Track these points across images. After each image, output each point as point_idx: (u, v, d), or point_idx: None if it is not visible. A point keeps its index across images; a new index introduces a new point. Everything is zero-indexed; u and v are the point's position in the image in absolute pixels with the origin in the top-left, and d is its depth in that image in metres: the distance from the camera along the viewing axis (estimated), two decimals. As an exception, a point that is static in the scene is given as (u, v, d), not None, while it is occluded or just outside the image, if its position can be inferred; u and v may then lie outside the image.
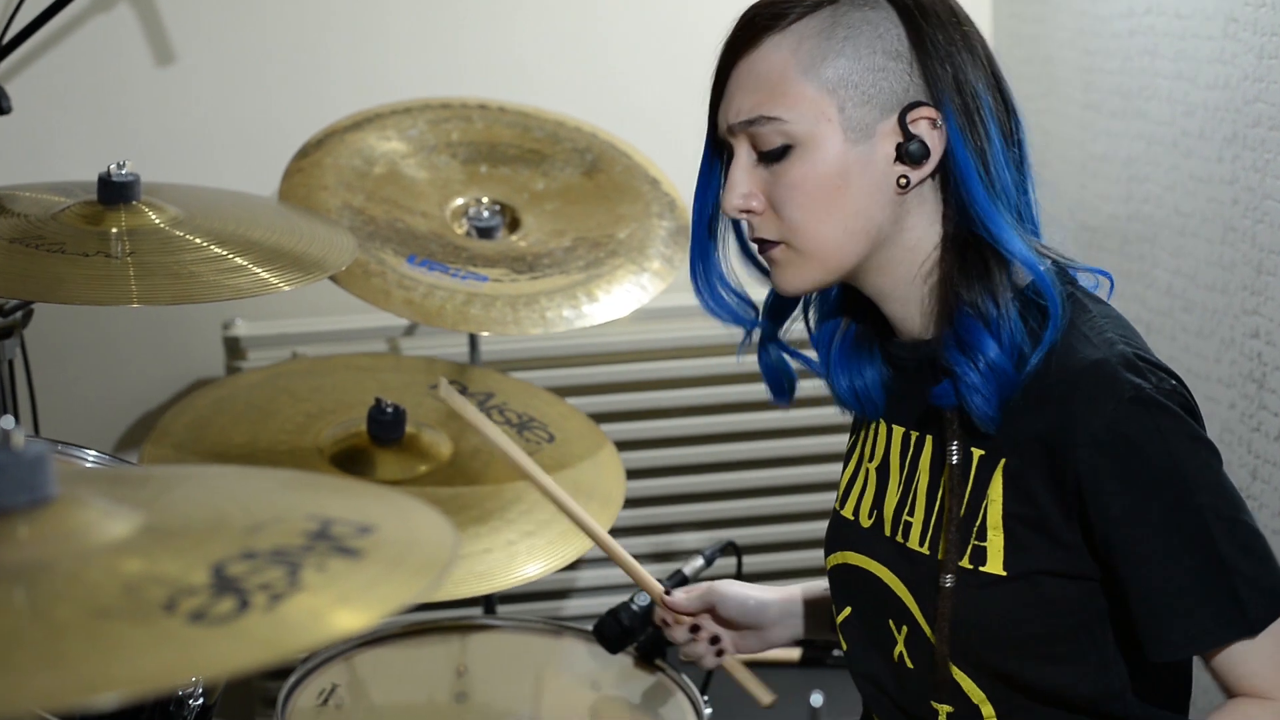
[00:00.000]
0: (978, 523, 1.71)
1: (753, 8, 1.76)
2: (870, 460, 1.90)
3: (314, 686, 2.30)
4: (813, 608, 2.14)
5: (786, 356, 1.94)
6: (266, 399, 2.65)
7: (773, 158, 1.73)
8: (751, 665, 2.21)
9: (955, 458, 1.74)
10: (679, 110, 3.23)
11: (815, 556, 3.27)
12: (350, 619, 1.04)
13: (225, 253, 2.21)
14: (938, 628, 1.74)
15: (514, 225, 2.77)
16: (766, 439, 3.32)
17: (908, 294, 1.77)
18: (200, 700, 1.95)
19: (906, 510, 1.81)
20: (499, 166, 2.84)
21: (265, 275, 2.20)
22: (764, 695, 2.18)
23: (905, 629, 1.80)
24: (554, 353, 3.20)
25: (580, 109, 2.99)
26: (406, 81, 3.10)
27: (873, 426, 1.91)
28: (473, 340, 2.95)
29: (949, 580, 1.73)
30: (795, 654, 2.56)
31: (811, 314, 1.95)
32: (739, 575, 2.46)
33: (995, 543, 1.70)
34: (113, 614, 1.03)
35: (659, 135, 3.05)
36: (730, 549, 2.55)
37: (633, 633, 2.26)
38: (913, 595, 1.79)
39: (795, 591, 2.15)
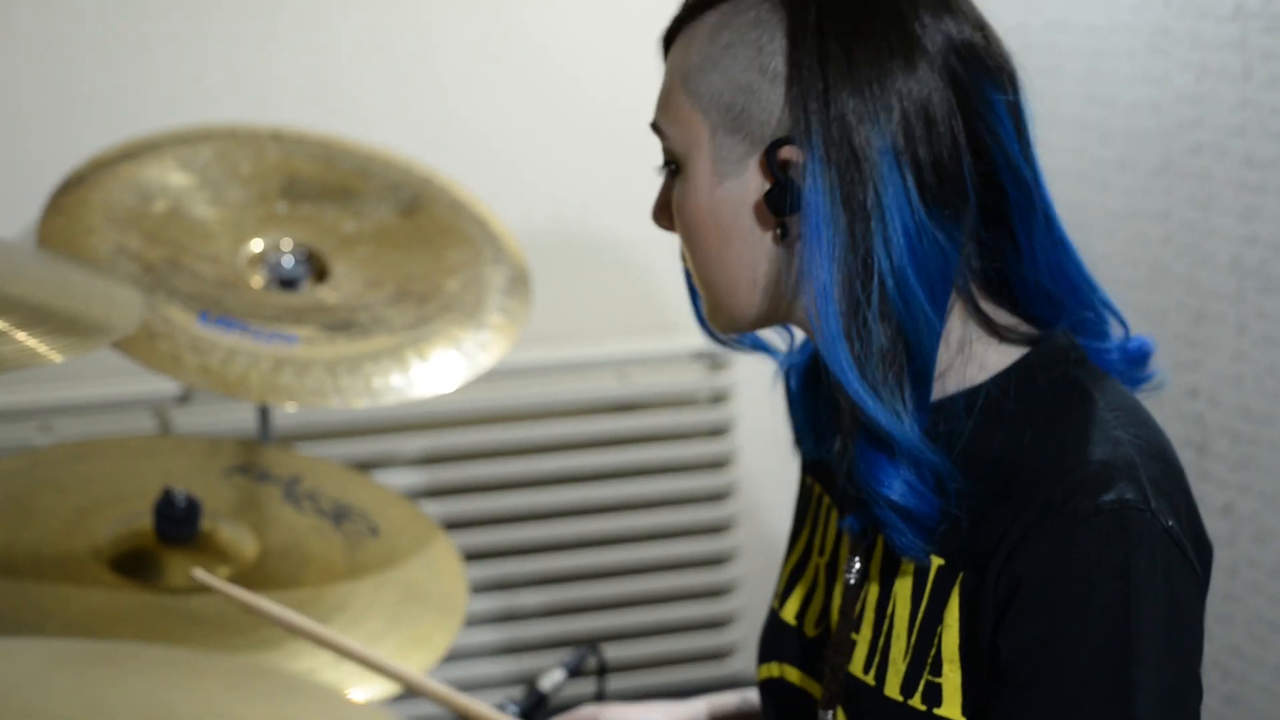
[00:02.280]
0: (931, 653, 1.34)
1: None
2: (820, 554, 1.53)
3: None
4: None
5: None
6: (25, 491, 2.18)
7: (670, 174, 1.41)
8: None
9: (853, 570, 1.42)
10: (508, 139, 2.85)
11: (694, 645, 2.94)
12: None
13: (-20, 313, 1.73)
14: None
15: (321, 274, 2.33)
16: (626, 512, 2.90)
17: None
18: None
19: (852, 626, 1.43)
20: (300, 204, 2.39)
21: (32, 343, 1.72)
22: None
23: None
24: (361, 420, 2.76)
25: (392, 137, 2.56)
26: (186, 104, 2.65)
27: (824, 511, 1.53)
28: (263, 412, 2.49)
29: (829, 717, 1.40)
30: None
31: None
32: (600, 694, 2.08)
33: (952, 679, 1.32)
34: None
35: (484, 168, 2.63)
36: (593, 659, 2.14)
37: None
38: None
39: (698, 710, 1.78)
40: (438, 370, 2.17)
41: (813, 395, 1.56)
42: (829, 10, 1.31)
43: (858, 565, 1.41)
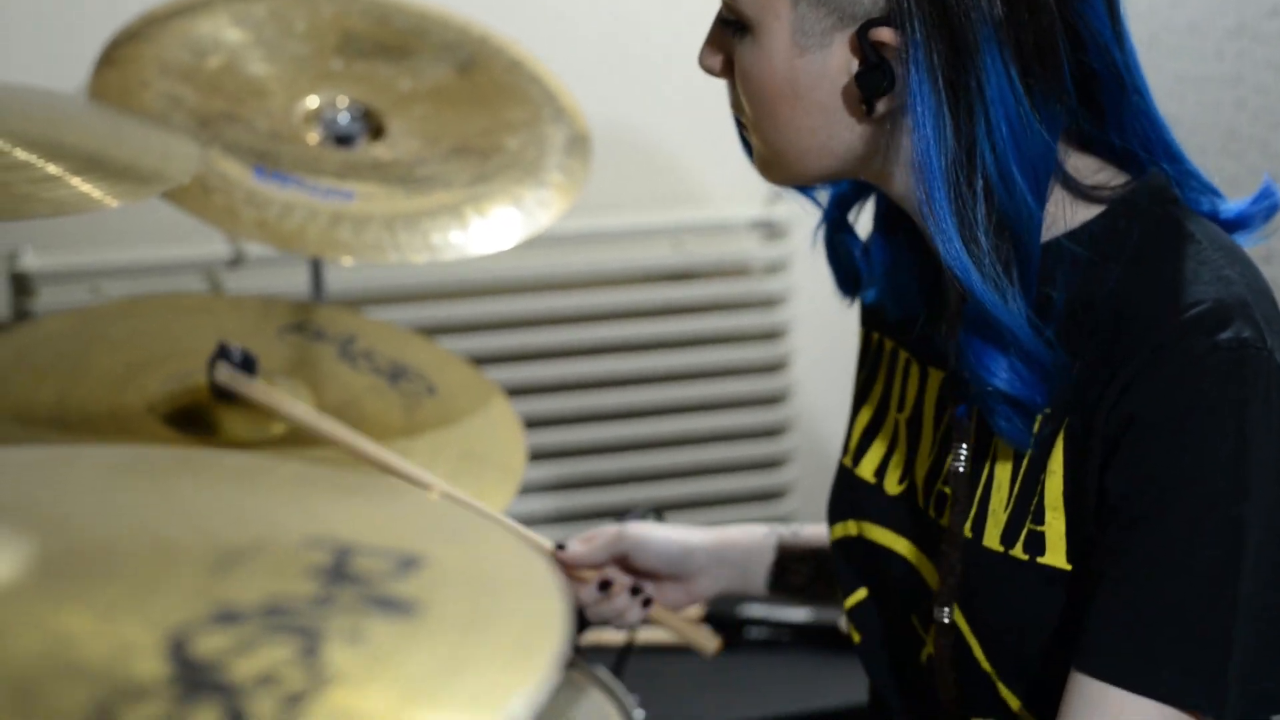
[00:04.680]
0: (1034, 501, 1.32)
1: None
2: (900, 410, 1.52)
3: None
4: (752, 558, 1.78)
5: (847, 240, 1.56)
6: (77, 348, 2.15)
7: (730, 28, 1.35)
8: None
9: (961, 458, 1.40)
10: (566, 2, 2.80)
11: (749, 516, 2.91)
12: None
13: (34, 159, 1.69)
14: (938, 640, 1.40)
15: (378, 132, 2.29)
16: (680, 382, 2.88)
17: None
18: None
19: (942, 479, 1.41)
20: (355, 63, 2.35)
21: (87, 189, 1.69)
22: (708, 642, 1.86)
23: (936, 628, 1.42)
24: (415, 286, 2.73)
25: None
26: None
27: (903, 365, 1.51)
28: (316, 274, 2.47)
29: (957, 559, 1.37)
30: (713, 644, 2.13)
31: None
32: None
33: (1055, 527, 1.31)
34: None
35: (541, 31, 2.58)
36: (654, 517, 2.12)
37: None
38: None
39: (729, 535, 1.78)
40: (497, 227, 2.14)
41: (892, 252, 1.53)
42: None
43: (965, 451, 1.38)
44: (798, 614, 2.32)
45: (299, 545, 0.70)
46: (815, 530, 1.77)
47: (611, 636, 2.08)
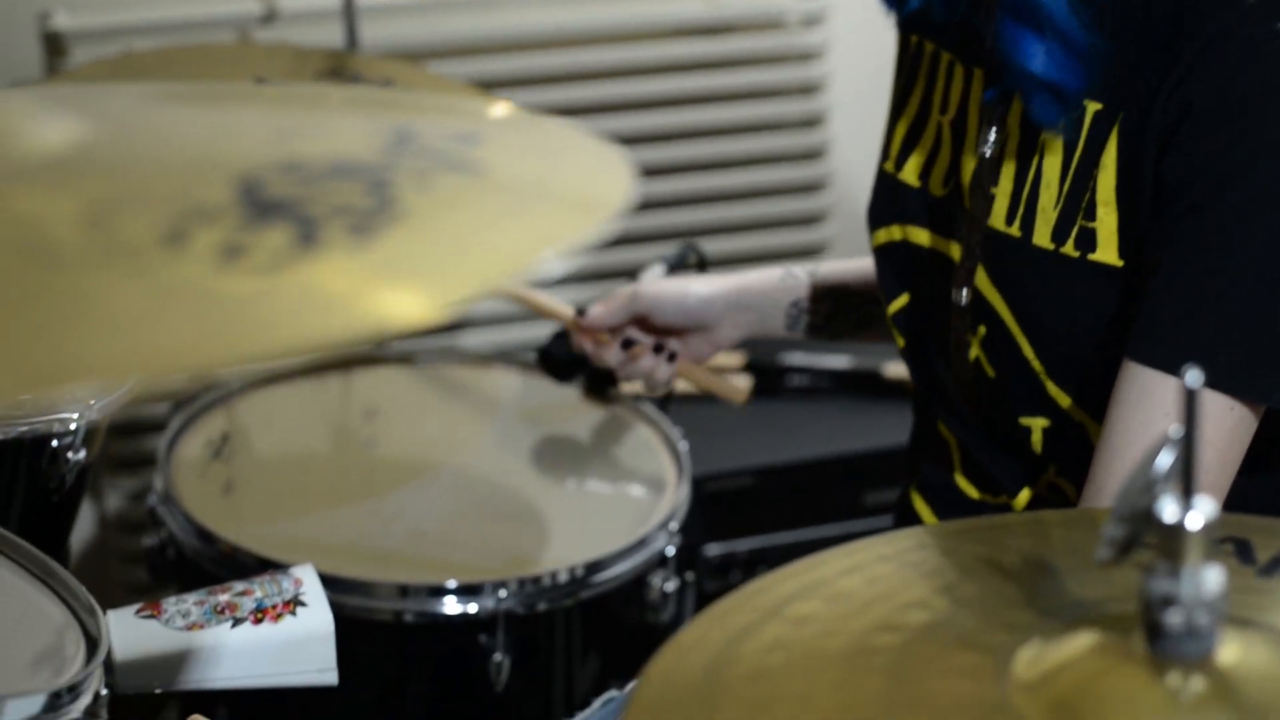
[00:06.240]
0: (1086, 197, 1.32)
1: None
2: (943, 112, 1.49)
3: (199, 437, 1.87)
4: (769, 300, 1.77)
5: None
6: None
7: None
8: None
9: (989, 141, 1.40)
10: None
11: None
12: (510, 254, 0.58)
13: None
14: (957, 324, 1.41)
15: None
16: (724, 136, 2.84)
17: None
18: (80, 455, 1.47)
19: (988, 190, 1.41)
20: None
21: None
22: (737, 392, 1.90)
23: (984, 329, 1.41)
24: (449, 42, 2.71)
25: None
26: None
27: (945, 67, 1.49)
28: (350, 24, 2.45)
29: (976, 241, 1.39)
30: (745, 385, 2.14)
31: None
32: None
33: (1108, 222, 1.31)
34: (66, 261, 0.56)
35: None
36: (693, 255, 2.13)
37: (586, 356, 1.83)
38: (996, 288, 1.40)
39: (745, 280, 1.78)
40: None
41: None
42: None
43: (993, 135, 1.38)
44: (838, 360, 2.32)
45: (362, 126, 0.70)
46: (831, 268, 1.77)
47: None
